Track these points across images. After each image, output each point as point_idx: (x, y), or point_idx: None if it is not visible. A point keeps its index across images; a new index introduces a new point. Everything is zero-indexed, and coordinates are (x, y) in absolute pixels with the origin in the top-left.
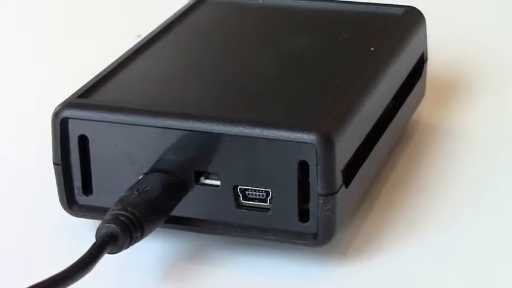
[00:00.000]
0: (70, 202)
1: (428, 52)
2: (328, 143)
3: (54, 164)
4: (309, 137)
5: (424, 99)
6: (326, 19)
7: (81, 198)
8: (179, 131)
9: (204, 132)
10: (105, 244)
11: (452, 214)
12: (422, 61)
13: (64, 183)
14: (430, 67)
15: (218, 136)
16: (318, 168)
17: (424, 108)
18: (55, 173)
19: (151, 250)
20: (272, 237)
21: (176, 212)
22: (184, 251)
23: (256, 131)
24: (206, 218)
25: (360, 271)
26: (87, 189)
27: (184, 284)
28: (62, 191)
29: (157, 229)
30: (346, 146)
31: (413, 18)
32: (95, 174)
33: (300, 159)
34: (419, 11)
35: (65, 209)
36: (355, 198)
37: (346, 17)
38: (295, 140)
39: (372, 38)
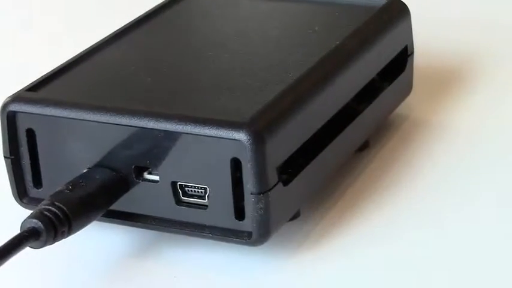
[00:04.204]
0: (21, 194)
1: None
2: (258, 140)
3: (5, 157)
4: (238, 134)
5: (415, 93)
6: (302, 11)
7: (32, 191)
8: (117, 126)
9: (139, 127)
10: (23, 239)
11: (422, 215)
12: (405, 55)
13: (14, 176)
14: (426, 61)
15: (152, 132)
16: (249, 165)
17: (414, 103)
18: (6, 165)
19: (92, 244)
20: (209, 234)
21: (117, 206)
22: (126, 246)
23: (188, 128)
24: (147, 213)
25: (302, 271)
26: (37, 182)
27: (124, 279)
28: (13, 184)
29: (99, 223)
30: (282, 143)
31: (394, 10)
32: (44, 168)
33: (232, 156)
34: (402, 3)
35: (16, 201)
36: (300, 197)
37: (323, 9)
38: (226, 137)
39: (344, 31)
